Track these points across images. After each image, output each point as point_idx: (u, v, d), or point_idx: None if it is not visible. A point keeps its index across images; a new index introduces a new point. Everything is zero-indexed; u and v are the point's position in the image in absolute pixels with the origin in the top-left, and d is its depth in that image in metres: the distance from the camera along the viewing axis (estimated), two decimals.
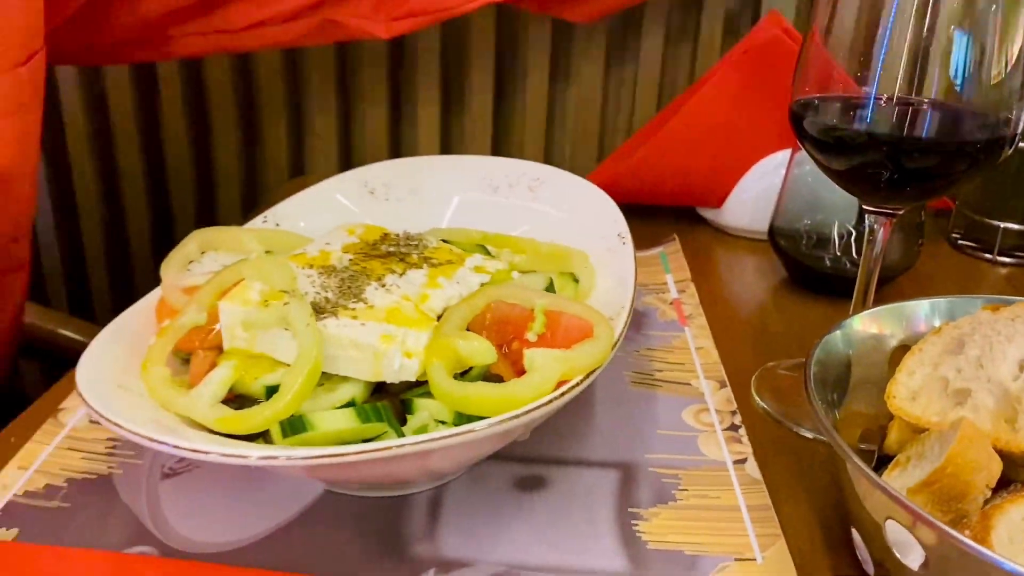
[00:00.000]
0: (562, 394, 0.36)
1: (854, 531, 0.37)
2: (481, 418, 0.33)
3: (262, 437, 0.37)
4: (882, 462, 0.41)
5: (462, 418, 0.37)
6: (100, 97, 0.95)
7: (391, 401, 0.38)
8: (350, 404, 0.37)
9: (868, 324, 0.44)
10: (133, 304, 0.43)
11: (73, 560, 0.37)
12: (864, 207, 0.48)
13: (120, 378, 0.37)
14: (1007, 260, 0.74)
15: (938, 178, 0.45)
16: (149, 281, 0.48)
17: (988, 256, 0.75)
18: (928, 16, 0.42)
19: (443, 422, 0.38)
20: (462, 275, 0.44)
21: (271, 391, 0.37)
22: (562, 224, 0.54)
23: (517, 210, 0.56)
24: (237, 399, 0.38)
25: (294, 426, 0.34)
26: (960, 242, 0.78)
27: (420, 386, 0.39)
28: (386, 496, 0.42)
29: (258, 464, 0.30)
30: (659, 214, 0.82)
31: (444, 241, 0.49)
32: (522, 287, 0.43)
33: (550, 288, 0.46)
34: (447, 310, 0.41)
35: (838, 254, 0.67)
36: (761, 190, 0.75)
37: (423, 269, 0.43)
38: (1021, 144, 0.44)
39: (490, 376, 0.39)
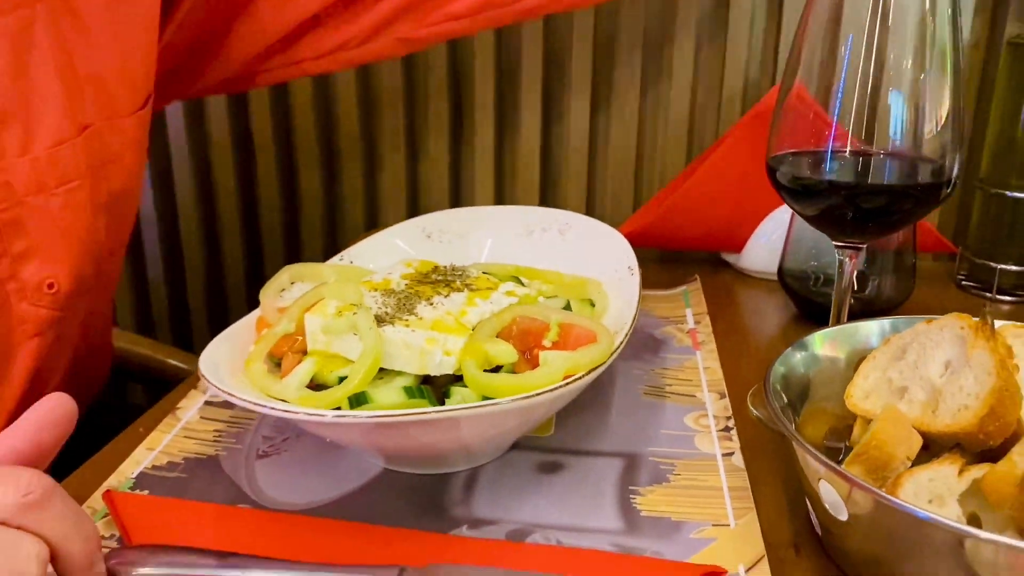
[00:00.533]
0: (567, 384, 0.46)
1: (807, 500, 0.46)
2: None
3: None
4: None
5: None
6: (205, 163, 1.11)
7: (434, 388, 0.48)
8: None
9: (828, 340, 0.53)
10: (235, 322, 0.55)
11: (190, 509, 0.49)
12: (833, 242, 0.57)
13: (230, 371, 0.49)
14: (1006, 298, 0.82)
15: (891, 216, 0.54)
16: (242, 306, 0.60)
17: (988, 295, 0.82)
18: (870, 84, 0.52)
19: None
20: (496, 297, 0.55)
21: (342, 380, 0.48)
22: (583, 260, 0.64)
23: (547, 249, 0.66)
24: (316, 388, 0.49)
25: (358, 400, 0.45)
26: (964, 283, 0.85)
27: (457, 380, 0.50)
28: (431, 473, 0.52)
29: (332, 421, 0.41)
30: (686, 259, 0.92)
31: (484, 272, 0.60)
32: (542, 306, 0.54)
33: (567, 308, 0.57)
34: (480, 322, 0.51)
35: None
36: (776, 236, 0.84)
37: (463, 292, 0.54)
38: (998, 191, 0.51)
39: (513, 374, 0.50)
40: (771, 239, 0.85)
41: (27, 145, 0.57)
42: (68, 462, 0.55)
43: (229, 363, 0.50)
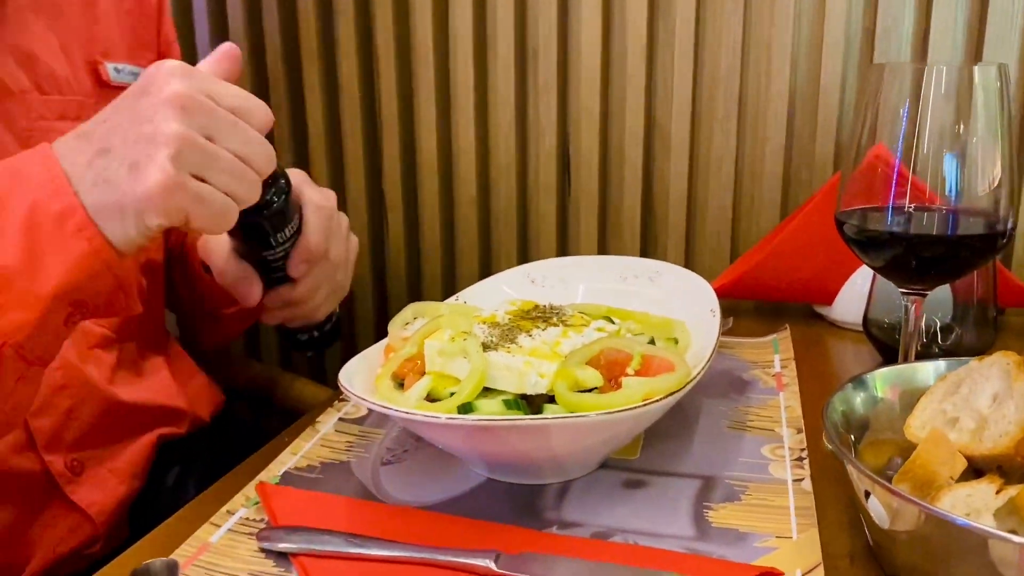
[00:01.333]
0: (644, 405, 0.53)
1: (861, 515, 0.51)
2: None
3: None
4: None
5: None
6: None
7: (530, 407, 0.57)
8: None
9: (889, 378, 0.58)
10: (365, 349, 0.66)
11: (324, 500, 0.58)
12: (899, 289, 0.62)
13: (362, 386, 0.59)
14: None
15: (950, 264, 0.59)
16: (370, 340, 0.70)
17: None
18: (927, 144, 0.57)
19: None
20: (587, 332, 0.63)
21: (453, 396, 0.56)
22: (671, 303, 0.71)
23: (639, 294, 0.74)
24: (431, 401, 0.58)
25: (465, 408, 0.54)
26: None
27: (551, 401, 0.58)
28: (529, 483, 0.60)
29: (444, 423, 0.50)
30: (781, 310, 0.97)
31: (579, 311, 0.68)
32: (627, 339, 0.61)
33: (651, 343, 0.64)
34: (572, 351, 0.59)
35: (925, 341, 0.79)
36: (866, 289, 0.89)
37: (559, 327, 0.63)
38: None
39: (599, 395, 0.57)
40: (860, 292, 0.89)
41: None
42: (225, 461, 0.66)
43: (361, 381, 0.60)
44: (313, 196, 0.69)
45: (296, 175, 0.70)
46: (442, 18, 1.12)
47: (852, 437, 0.54)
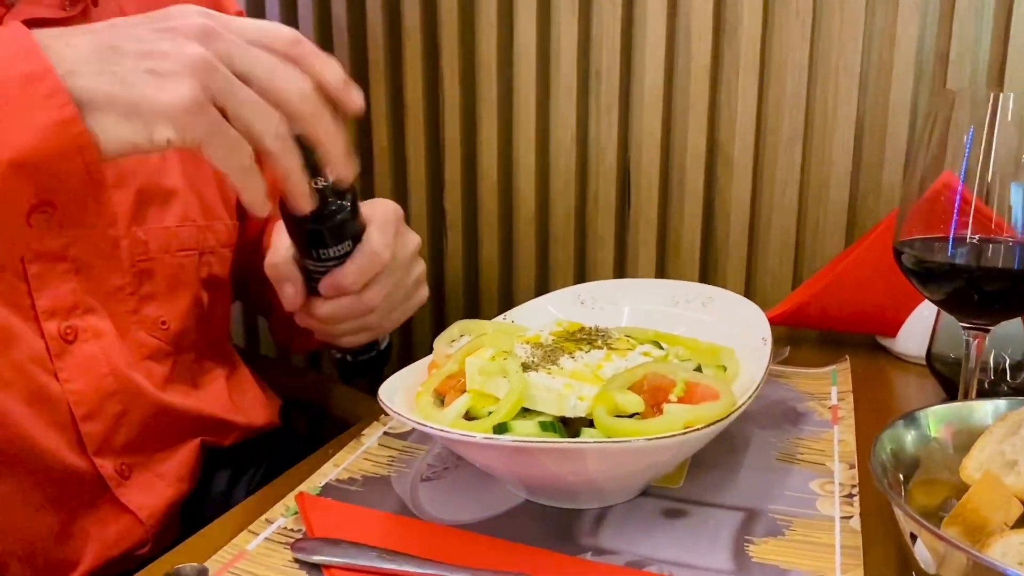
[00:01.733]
0: (684, 433, 0.52)
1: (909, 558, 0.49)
2: None
3: None
4: None
5: None
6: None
7: (569, 430, 0.56)
8: None
9: (943, 417, 0.55)
10: (413, 363, 0.66)
11: (361, 513, 0.59)
12: (960, 323, 0.60)
13: (404, 402, 0.59)
14: None
15: (1015, 299, 0.57)
16: (425, 349, 0.70)
17: None
18: (995, 172, 0.55)
19: None
20: (632, 356, 0.62)
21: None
22: (722, 329, 0.70)
23: (690, 319, 0.73)
24: (470, 419, 0.58)
25: (500, 428, 0.54)
26: None
27: (591, 425, 0.57)
28: (567, 507, 0.59)
29: (479, 442, 0.50)
30: (844, 340, 0.94)
31: (626, 335, 0.67)
32: (672, 364, 0.60)
33: (698, 370, 0.63)
34: (614, 375, 0.59)
35: (993, 378, 0.76)
36: (932, 322, 0.85)
37: (603, 350, 0.62)
38: None
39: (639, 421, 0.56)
40: (926, 324, 0.86)
41: (163, 218, 0.75)
42: (276, 469, 0.67)
43: (403, 396, 0.61)
44: (376, 237, 0.68)
45: (388, 210, 0.71)
46: (506, 39, 1.13)
47: (901, 476, 0.51)
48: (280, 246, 0.70)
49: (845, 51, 0.97)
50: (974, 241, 0.57)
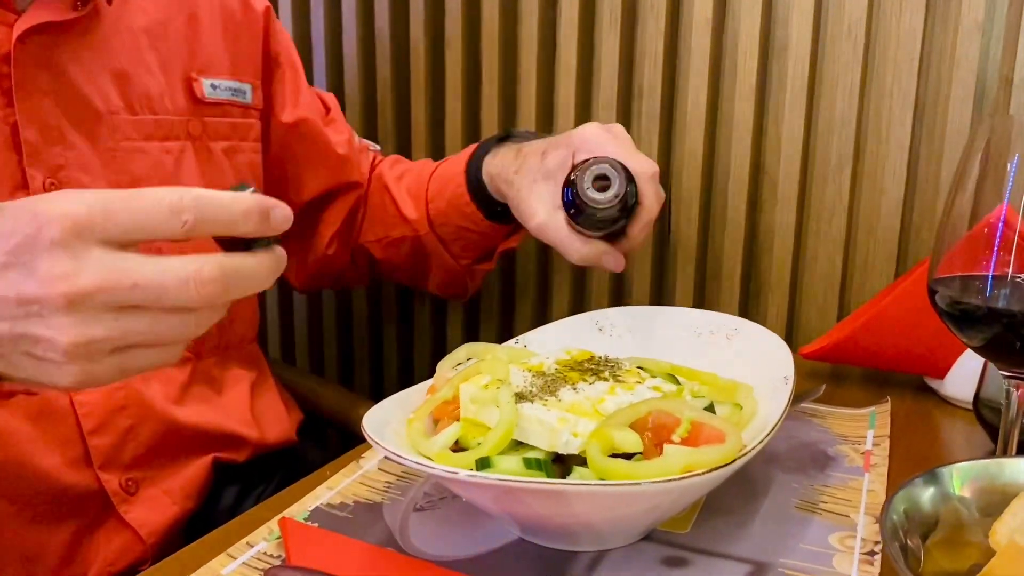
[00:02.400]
0: (680, 479, 0.48)
1: None
2: None
3: None
4: None
5: None
6: None
7: (557, 466, 0.53)
8: None
9: (968, 474, 0.50)
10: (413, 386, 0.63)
11: (344, 543, 0.56)
12: (1000, 371, 0.54)
13: (392, 427, 0.57)
14: None
15: None
16: (427, 374, 0.68)
17: None
18: None
19: None
20: (640, 390, 0.58)
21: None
22: (745, 365, 0.65)
23: (712, 351, 0.69)
24: (460, 450, 0.55)
25: (483, 464, 0.50)
26: None
27: (586, 463, 0.53)
28: (561, 549, 0.56)
29: (463, 479, 0.47)
30: (890, 380, 0.88)
31: (638, 367, 0.63)
32: (678, 402, 0.56)
33: (710, 409, 0.58)
34: (616, 411, 0.55)
35: None
36: (982, 364, 0.79)
37: (608, 382, 0.58)
38: None
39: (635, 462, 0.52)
40: (977, 367, 0.80)
41: None
42: (284, 486, 0.65)
43: (398, 420, 0.58)
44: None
45: (643, 163, 0.79)
46: (548, 54, 1.10)
47: (918, 538, 0.47)
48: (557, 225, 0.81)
49: (900, 72, 0.92)
50: (1019, 280, 0.52)
